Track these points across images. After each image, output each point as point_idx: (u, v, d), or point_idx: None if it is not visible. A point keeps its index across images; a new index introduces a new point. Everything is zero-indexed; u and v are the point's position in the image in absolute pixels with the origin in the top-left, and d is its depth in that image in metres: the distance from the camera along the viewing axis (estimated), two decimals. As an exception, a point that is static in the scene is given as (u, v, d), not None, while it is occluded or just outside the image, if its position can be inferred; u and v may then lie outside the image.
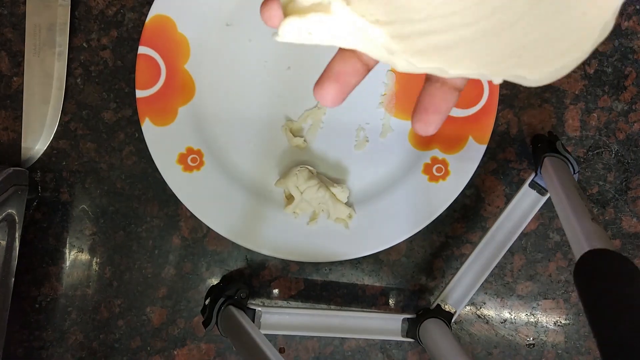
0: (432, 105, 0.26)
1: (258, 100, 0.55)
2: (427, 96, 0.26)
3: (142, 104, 0.53)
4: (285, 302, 0.57)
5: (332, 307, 0.57)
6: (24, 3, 0.54)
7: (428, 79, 0.27)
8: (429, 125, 0.26)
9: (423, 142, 0.55)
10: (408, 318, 0.54)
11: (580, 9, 0.22)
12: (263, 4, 0.25)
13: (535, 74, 0.23)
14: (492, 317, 0.58)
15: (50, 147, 0.56)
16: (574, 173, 0.50)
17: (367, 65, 0.26)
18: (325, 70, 0.26)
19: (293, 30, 0.23)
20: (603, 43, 0.56)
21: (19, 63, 0.55)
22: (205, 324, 0.52)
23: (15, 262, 0.52)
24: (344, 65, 0.25)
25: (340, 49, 0.26)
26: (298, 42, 0.24)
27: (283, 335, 0.57)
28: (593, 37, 0.23)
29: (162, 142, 0.53)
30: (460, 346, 0.47)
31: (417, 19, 0.23)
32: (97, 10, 0.56)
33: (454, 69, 0.23)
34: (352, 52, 0.25)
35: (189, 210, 0.53)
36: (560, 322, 0.58)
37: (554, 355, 0.58)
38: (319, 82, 0.25)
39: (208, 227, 0.55)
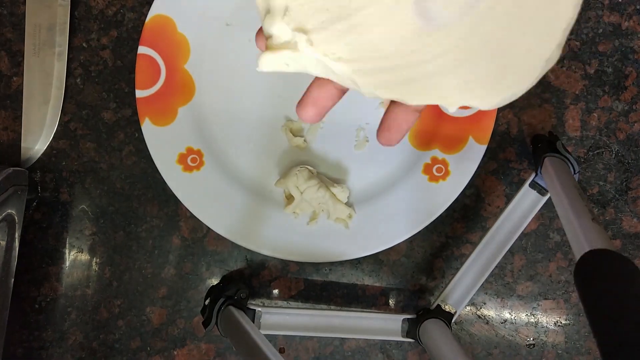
0: (394, 125, 0.29)
1: (258, 100, 0.55)
2: (390, 115, 0.29)
3: (141, 103, 0.53)
4: (285, 302, 0.57)
5: (332, 307, 0.57)
6: (24, 3, 0.54)
7: (392, 101, 0.29)
8: (391, 142, 0.30)
9: (423, 142, 0.55)
10: (408, 318, 0.54)
11: (524, 47, 0.25)
12: (256, 35, 0.29)
13: (486, 104, 0.26)
14: (493, 317, 0.58)
15: (50, 147, 0.56)
16: (574, 173, 0.50)
17: (342, 90, 0.29)
18: (305, 95, 0.29)
19: (270, 62, 0.26)
20: (603, 43, 0.56)
21: (18, 63, 0.55)
22: (205, 324, 0.52)
23: (14, 263, 0.52)
24: (320, 92, 0.29)
25: (317, 77, 0.29)
26: (277, 70, 0.27)
27: (283, 335, 0.57)
28: (538, 71, 0.25)
29: (162, 142, 0.53)
30: (461, 346, 0.47)
31: (379, 57, 0.25)
32: (97, 10, 0.55)
33: (413, 100, 0.26)
34: (327, 80, 0.28)
35: (188, 211, 0.53)
36: (561, 323, 0.58)
37: (554, 355, 0.58)
38: (300, 104, 0.29)
39: (208, 227, 0.55)
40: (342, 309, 0.57)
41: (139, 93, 0.52)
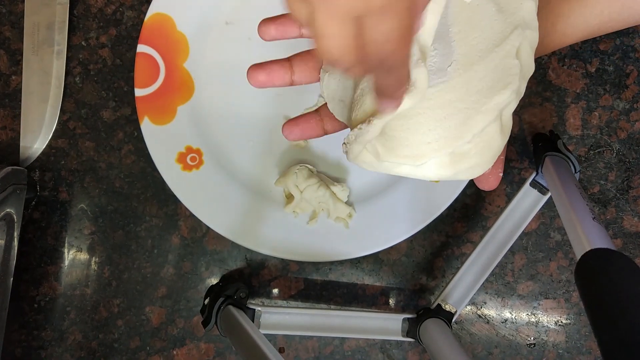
0: (305, 127, 0.35)
1: (258, 99, 0.55)
2: (307, 118, 0.35)
3: (141, 102, 0.52)
4: (285, 301, 0.57)
5: (332, 306, 0.57)
6: (23, 1, 0.54)
7: (318, 111, 0.35)
8: (289, 135, 0.35)
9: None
10: (408, 318, 0.54)
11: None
12: (265, 23, 0.34)
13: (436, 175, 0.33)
14: (493, 316, 0.57)
15: (48, 146, 0.56)
16: (575, 172, 0.50)
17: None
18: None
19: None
20: (604, 41, 0.56)
21: (17, 61, 0.55)
22: (205, 323, 0.52)
23: (13, 262, 0.52)
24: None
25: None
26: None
27: (283, 335, 0.57)
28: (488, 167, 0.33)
29: (161, 141, 0.53)
30: (461, 346, 0.47)
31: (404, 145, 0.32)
32: (96, 8, 0.55)
33: (386, 157, 0.32)
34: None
35: (188, 210, 0.53)
36: (561, 322, 0.57)
37: (554, 355, 0.57)
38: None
39: (207, 227, 0.54)
40: (342, 308, 0.57)
41: (138, 92, 0.52)
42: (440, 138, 0.31)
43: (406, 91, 0.29)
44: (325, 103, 0.37)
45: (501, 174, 0.35)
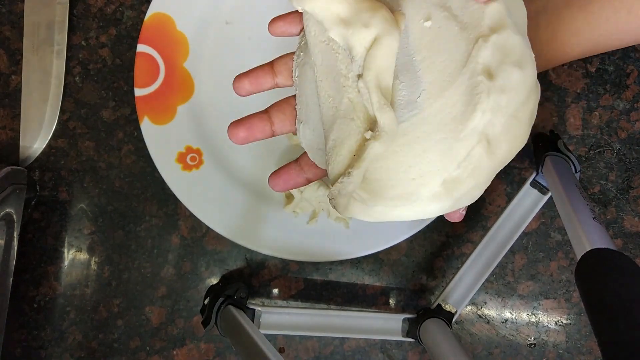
0: (287, 178, 0.36)
1: (258, 99, 0.55)
2: (287, 169, 0.36)
3: (141, 102, 0.52)
4: (285, 301, 0.57)
5: (332, 306, 0.57)
6: (23, 1, 0.54)
7: (298, 161, 0.36)
8: (275, 187, 0.36)
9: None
10: (408, 318, 0.54)
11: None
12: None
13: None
14: (493, 316, 0.57)
15: (48, 145, 0.56)
16: (576, 172, 0.50)
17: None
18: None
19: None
20: (605, 41, 0.56)
21: (17, 61, 0.55)
22: (205, 323, 0.52)
23: (13, 262, 0.52)
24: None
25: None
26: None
27: (283, 335, 0.57)
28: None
29: (161, 140, 0.53)
30: (461, 346, 0.47)
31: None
32: (96, 8, 0.55)
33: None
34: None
35: (188, 210, 0.53)
36: (562, 322, 0.57)
37: (555, 355, 0.57)
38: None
39: (207, 227, 0.54)
40: (342, 308, 0.57)
41: (138, 91, 0.52)
42: (424, 173, 0.30)
43: (376, 137, 0.29)
44: (305, 152, 0.36)
45: (464, 212, 0.35)
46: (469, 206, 0.57)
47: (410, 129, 0.30)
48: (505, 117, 0.30)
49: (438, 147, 0.29)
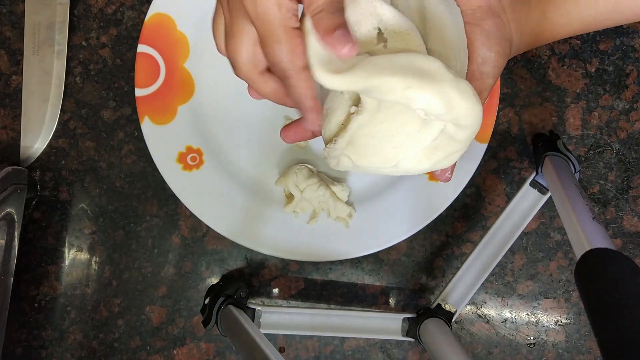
0: (297, 131, 0.39)
1: (258, 102, 0.55)
2: (298, 123, 0.38)
3: (141, 102, 0.52)
4: (285, 301, 0.57)
5: (332, 306, 0.57)
6: (23, 1, 0.54)
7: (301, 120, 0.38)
8: (285, 138, 0.39)
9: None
10: (408, 317, 0.54)
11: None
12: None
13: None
14: (493, 316, 0.57)
15: (49, 145, 0.56)
16: (575, 172, 0.50)
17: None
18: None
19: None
20: (604, 41, 0.56)
21: (18, 61, 0.55)
22: (205, 323, 0.52)
23: (14, 262, 0.52)
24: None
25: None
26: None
27: (283, 334, 0.57)
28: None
29: (162, 140, 0.53)
30: (461, 346, 0.47)
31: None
32: (97, 8, 0.55)
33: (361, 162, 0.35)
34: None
35: (188, 209, 0.53)
36: (561, 322, 0.57)
37: (554, 354, 0.58)
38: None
39: (208, 226, 0.54)
40: (342, 308, 0.57)
41: (139, 92, 0.52)
42: (405, 141, 0.32)
43: (358, 112, 0.32)
44: None
45: (450, 175, 0.38)
46: (468, 206, 0.57)
47: (394, 103, 0.32)
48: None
49: (414, 123, 0.32)
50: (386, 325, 0.54)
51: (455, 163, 0.36)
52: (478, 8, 0.34)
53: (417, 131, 0.32)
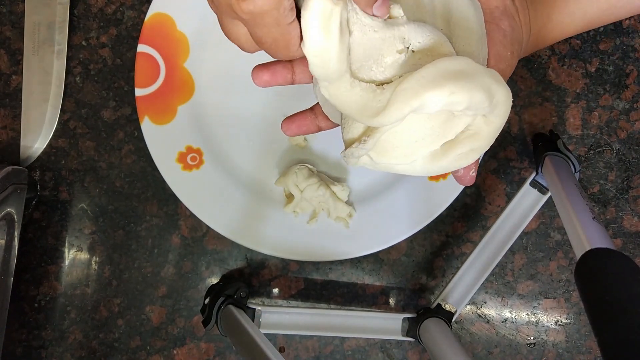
0: (301, 123, 0.38)
1: (258, 99, 0.55)
2: (303, 116, 0.38)
3: (141, 102, 0.52)
4: (285, 301, 0.57)
5: (332, 306, 0.57)
6: (23, 1, 0.54)
7: (312, 109, 0.38)
8: (287, 131, 0.38)
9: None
10: (408, 317, 0.54)
11: None
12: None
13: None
14: (493, 316, 0.57)
15: (49, 145, 0.56)
16: (575, 172, 0.50)
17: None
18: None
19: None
20: (604, 41, 0.56)
21: (18, 61, 0.55)
22: (205, 323, 0.52)
23: (14, 261, 0.52)
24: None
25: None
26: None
27: (283, 334, 0.57)
28: None
29: (162, 140, 0.53)
30: (461, 345, 0.47)
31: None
32: (96, 8, 0.55)
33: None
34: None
35: (188, 209, 0.53)
36: (561, 322, 0.57)
37: (554, 354, 0.58)
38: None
39: (208, 226, 0.54)
40: (342, 308, 0.57)
41: (139, 91, 0.52)
42: (426, 136, 0.32)
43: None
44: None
45: (474, 174, 0.37)
46: (468, 206, 0.57)
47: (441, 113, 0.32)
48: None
49: (441, 116, 0.32)
50: (386, 325, 0.54)
51: (478, 162, 0.35)
52: (496, 8, 0.35)
53: (442, 125, 0.32)
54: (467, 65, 0.30)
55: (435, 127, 0.32)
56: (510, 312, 0.57)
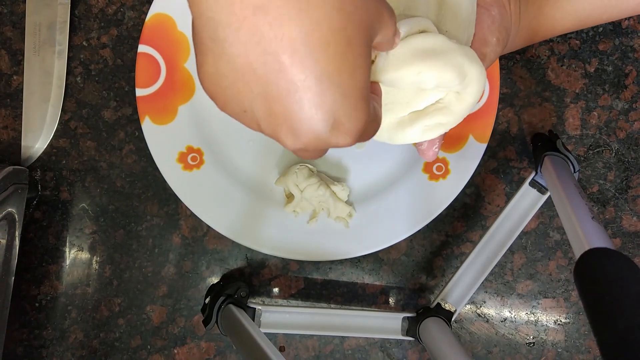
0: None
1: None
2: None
3: (142, 102, 0.53)
4: (285, 300, 0.57)
5: (332, 305, 0.57)
6: (24, 1, 0.54)
7: None
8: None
9: (423, 141, 0.55)
10: (408, 317, 0.54)
11: None
12: None
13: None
14: (492, 315, 0.58)
15: (50, 145, 0.56)
16: (575, 172, 0.50)
17: None
18: None
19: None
20: (603, 41, 0.56)
21: (18, 61, 0.55)
22: (206, 322, 0.52)
23: (15, 261, 0.52)
24: None
25: None
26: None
27: (283, 333, 0.57)
28: None
29: (162, 140, 0.53)
30: (460, 345, 0.47)
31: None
32: (97, 8, 0.55)
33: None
34: None
35: (189, 209, 0.53)
36: (561, 321, 0.58)
37: (554, 354, 0.58)
38: None
39: (208, 226, 0.55)
40: (342, 307, 0.57)
41: (139, 92, 0.52)
42: (395, 102, 0.33)
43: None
44: None
45: (437, 150, 0.37)
46: (468, 206, 0.57)
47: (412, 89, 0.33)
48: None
49: (412, 86, 0.32)
50: (386, 324, 0.54)
51: (442, 139, 0.36)
52: None
53: (412, 94, 0.33)
54: (440, 42, 0.30)
55: (406, 95, 0.33)
56: (510, 312, 0.58)
